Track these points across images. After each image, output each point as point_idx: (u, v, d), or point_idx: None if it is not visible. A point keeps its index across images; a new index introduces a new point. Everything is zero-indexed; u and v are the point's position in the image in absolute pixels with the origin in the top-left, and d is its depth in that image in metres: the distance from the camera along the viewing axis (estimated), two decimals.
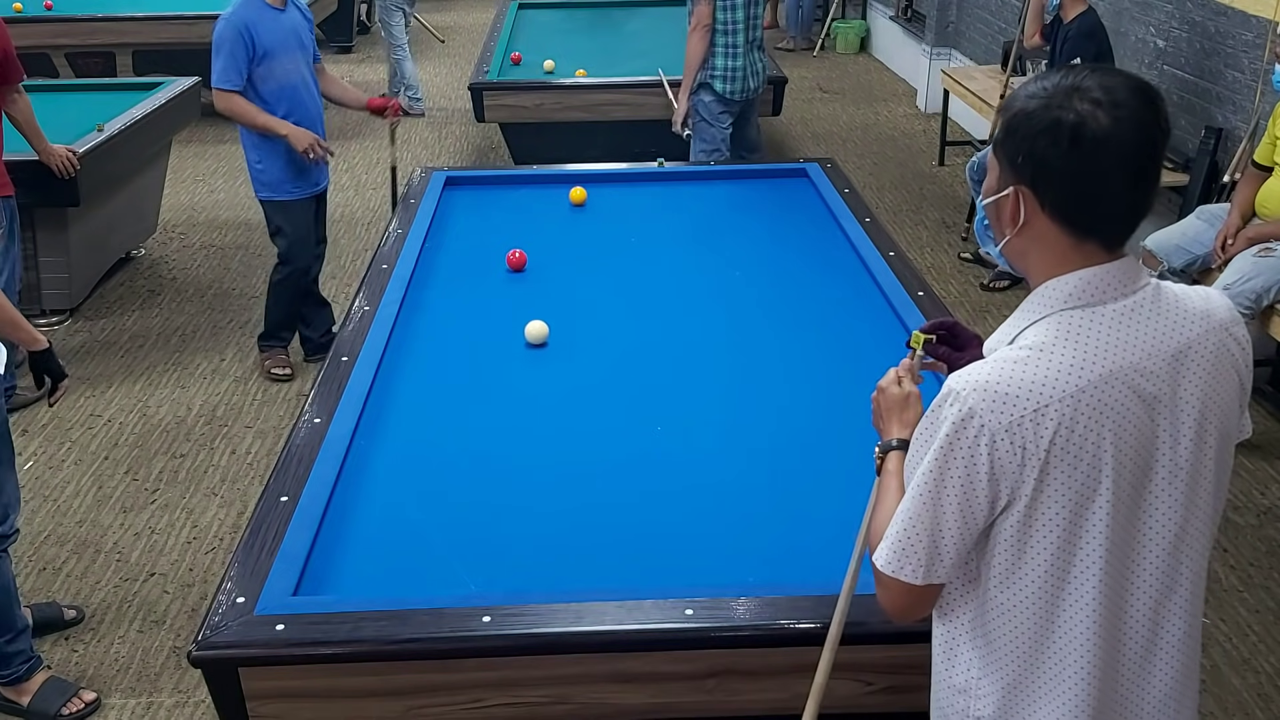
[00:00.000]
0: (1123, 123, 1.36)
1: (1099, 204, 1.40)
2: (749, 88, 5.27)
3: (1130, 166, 1.38)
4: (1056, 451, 1.38)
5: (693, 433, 2.69)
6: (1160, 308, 1.45)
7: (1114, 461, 1.41)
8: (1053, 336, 1.41)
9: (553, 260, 3.67)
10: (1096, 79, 1.39)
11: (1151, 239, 4.22)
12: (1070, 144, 1.37)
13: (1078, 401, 1.38)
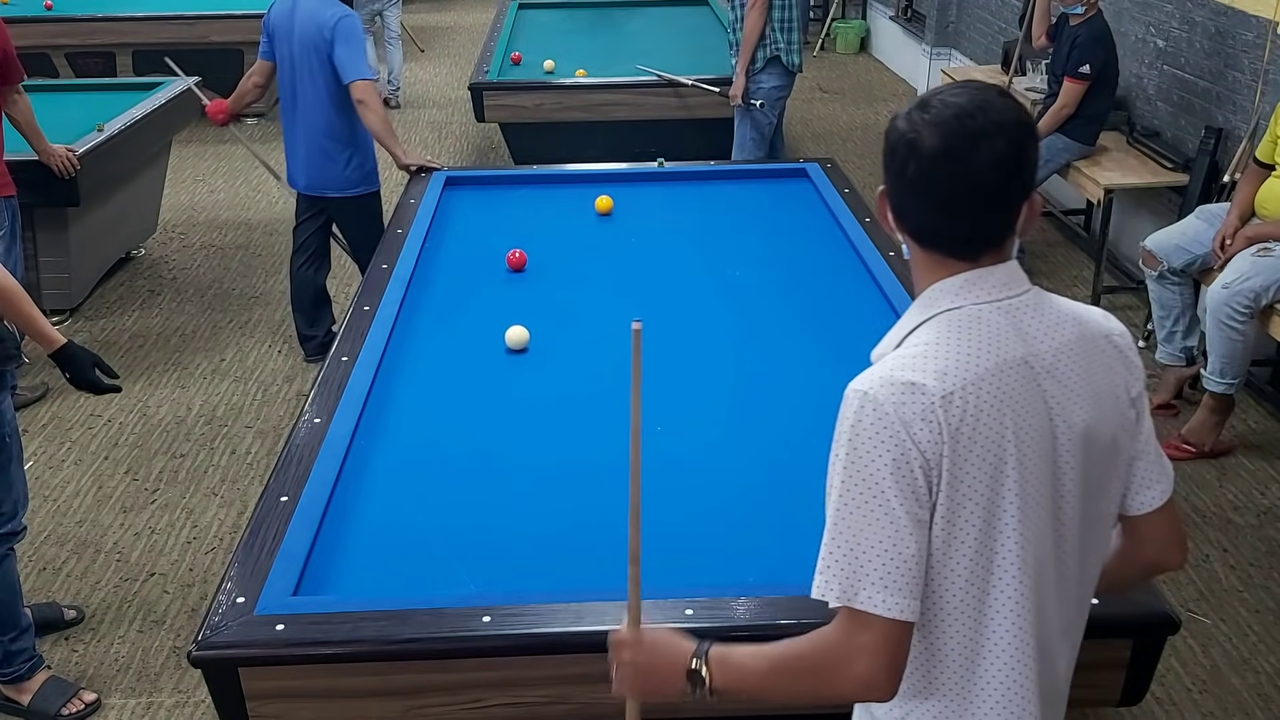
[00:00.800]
0: (945, 144, 1.37)
1: (922, 218, 1.44)
2: (801, 62, 5.50)
3: (951, 190, 1.39)
4: (964, 440, 1.37)
5: (693, 433, 2.69)
6: (1042, 310, 1.47)
7: (1017, 451, 1.40)
8: (944, 332, 1.42)
9: (553, 260, 3.67)
10: (944, 95, 1.41)
11: (1151, 239, 4.22)
12: (899, 157, 1.41)
13: (979, 389, 1.38)
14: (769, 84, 5.42)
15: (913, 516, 1.36)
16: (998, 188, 1.39)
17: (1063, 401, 1.44)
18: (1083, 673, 2.04)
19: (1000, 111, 1.39)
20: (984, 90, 1.42)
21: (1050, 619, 1.47)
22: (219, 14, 7.63)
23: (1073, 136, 5.05)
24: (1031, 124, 1.43)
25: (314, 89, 4.29)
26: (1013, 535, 1.40)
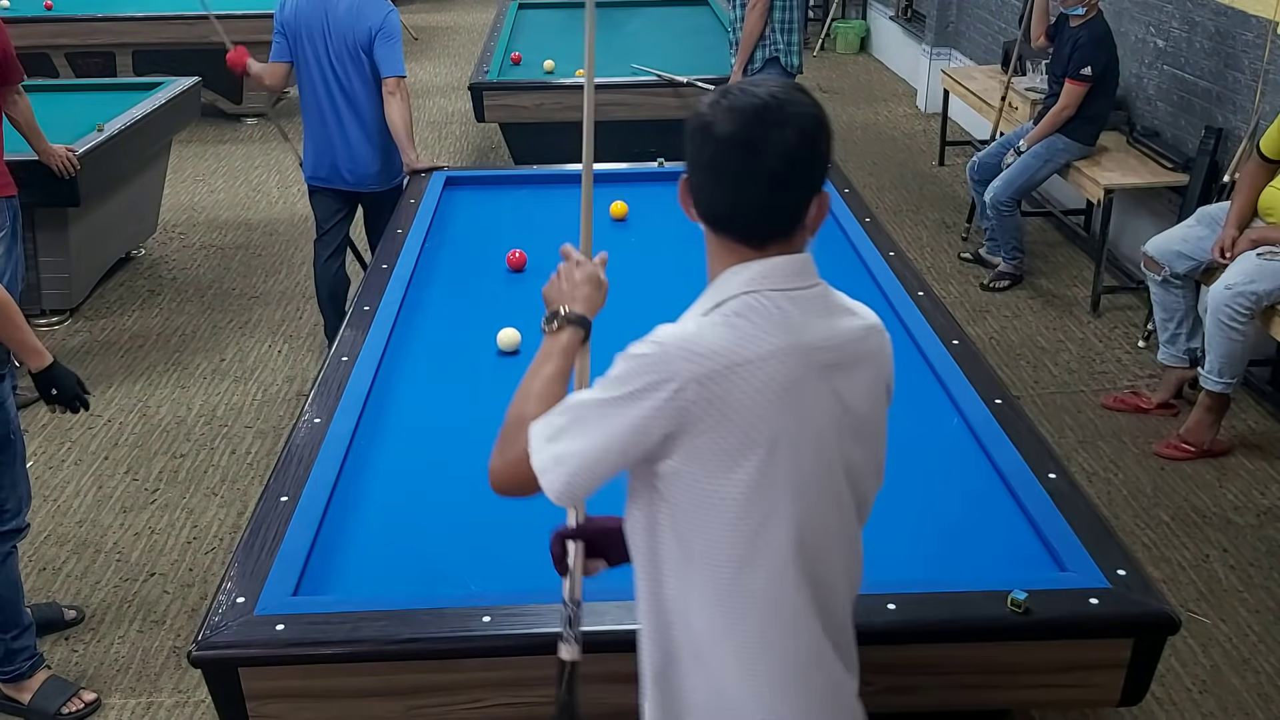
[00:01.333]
0: (738, 131, 1.45)
1: (715, 203, 1.52)
2: (801, 65, 5.49)
3: (740, 174, 1.46)
4: (741, 411, 1.44)
5: None
6: (829, 304, 1.57)
7: (797, 429, 1.47)
8: (744, 309, 1.49)
9: (553, 260, 3.65)
10: (746, 86, 1.49)
11: (1152, 243, 4.22)
12: (698, 142, 1.49)
13: (764, 365, 1.45)
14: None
15: (624, 453, 1.47)
16: (786, 177, 1.46)
17: (844, 389, 1.52)
18: (1083, 673, 2.05)
19: (797, 105, 1.46)
20: (786, 86, 1.49)
21: (828, 592, 1.56)
22: (219, 14, 7.61)
23: (1073, 137, 5.05)
24: (827, 123, 1.50)
25: (363, 84, 4.32)
26: (782, 514, 1.48)
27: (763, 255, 1.52)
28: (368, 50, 4.25)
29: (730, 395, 1.44)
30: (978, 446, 2.56)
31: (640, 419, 1.45)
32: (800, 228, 1.54)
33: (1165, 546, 3.57)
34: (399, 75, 4.28)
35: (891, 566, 2.21)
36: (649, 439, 1.46)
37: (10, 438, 2.81)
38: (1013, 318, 5.10)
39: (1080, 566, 2.12)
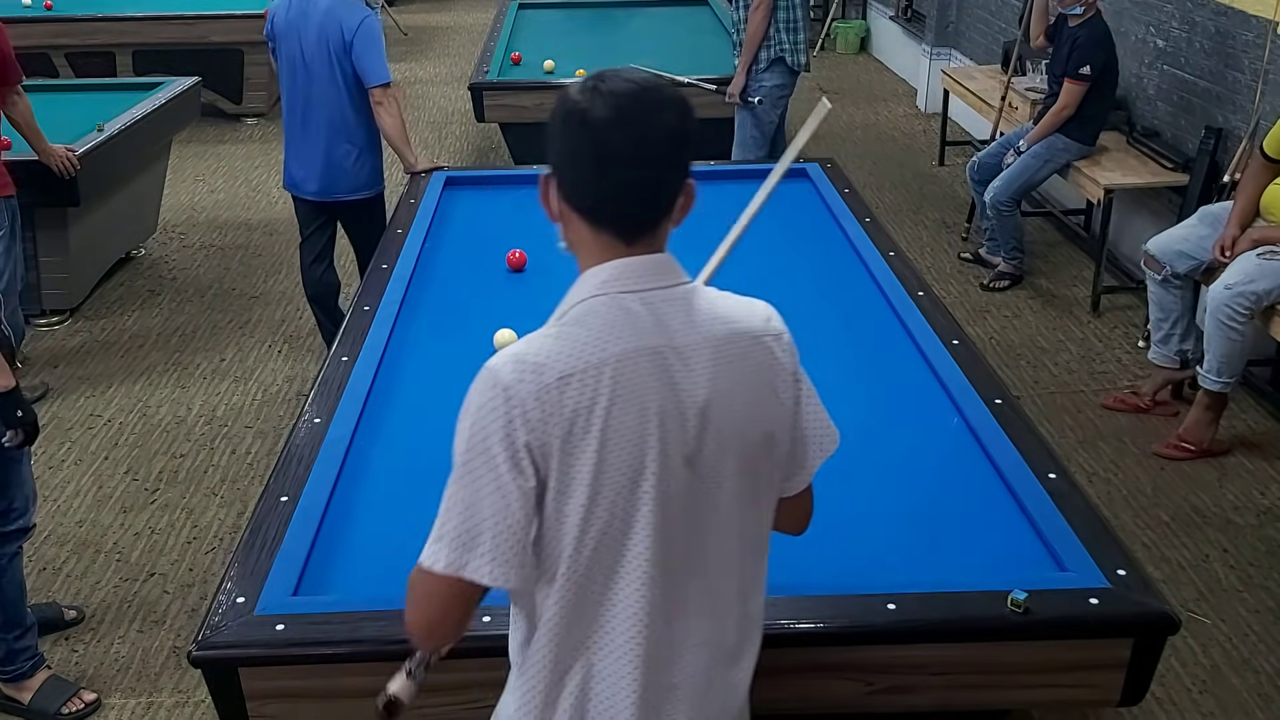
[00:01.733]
0: (619, 113, 1.41)
1: (597, 191, 1.46)
2: (806, 62, 5.50)
3: (623, 156, 1.43)
4: (581, 422, 1.40)
5: None
6: (692, 305, 1.50)
7: (639, 436, 1.43)
8: (585, 314, 1.46)
9: (553, 260, 3.67)
10: (614, 74, 1.46)
11: (1153, 242, 4.22)
12: (572, 130, 1.44)
13: (601, 373, 1.41)
14: (770, 83, 5.42)
15: (522, 492, 1.40)
16: (665, 159, 1.46)
17: (695, 393, 1.46)
18: (1083, 673, 2.05)
19: (670, 91, 1.47)
20: (652, 75, 1.50)
21: (691, 598, 1.52)
22: (219, 14, 7.63)
23: (1073, 137, 5.05)
24: (693, 109, 1.49)
25: (335, 91, 4.22)
26: (633, 512, 1.44)
27: (630, 252, 1.48)
28: (344, 57, 4.16)
29: (564, 409, 1.39)
30: (978, 446, 2.56)
31: (509, 469, 1.39)
32: (667, 219, 1.51)
33: (1165, 546, 3.57)
34: (384, 83, 4.18)
35: (891, 566, 2.22)
36: (530, 482, 1.40)
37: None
38: (1013, 318, 5.10)
39: (1080, 566, 2.12)
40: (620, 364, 1.42)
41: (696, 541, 1.51)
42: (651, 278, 1.49)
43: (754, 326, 1.55)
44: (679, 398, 1.45)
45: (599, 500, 1.43)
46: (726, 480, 1.51)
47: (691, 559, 1.51)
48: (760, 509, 1.59)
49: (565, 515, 1.43)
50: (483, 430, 1.42)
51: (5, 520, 2.83)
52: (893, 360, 3.00)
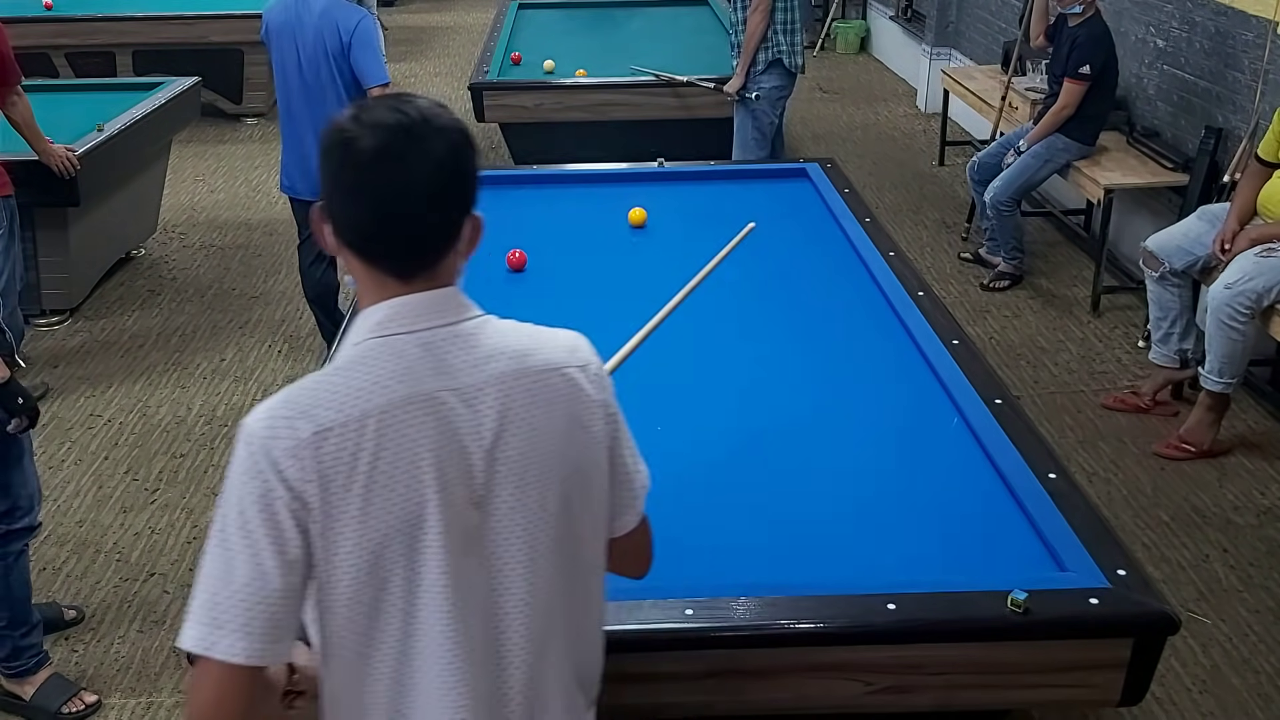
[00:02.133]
0: (382, 147, 1.33)
1: (365, 227, 1.37)
2: (803, 64, 5.52)
3: (387, 192, 1.34)
4: (343, 477, 1.32)
5: (692, 433, 2.69)
6: (478, 342, 1.41)
7: (415, 485, 1.34)
8: (355, 360, 1.38)
9: (552, 260, 3.67)
10: (384, 102, 1.38)
11: (1152, 240, 4.22)
12: (336, 162, 1.36)
13: (365, 425, 1.33)
14: (769, 84, 5.42)
15: (281, 557, 1.31)
16: (434, 193, 1.36)
17: (481, 434, 1.38)
18: (1083, 673, 2.05)
19: (443, 120, 1.37)
20: (429, 102, 1.40)
21: (508, 642, 1.43)
22: (219, 14, 7.63)
23: (1073, 136, 5.05)
24: (473, 141, 1.40)
25: (331, 93, 4.21)
26: (405, 570, 1.35)
27: (408, 290, 1.39)
28: (340, 59, 4.16)
29: (322, 465, 1.31)
30: (978, 446, 2.56)
31: (264, 533, 1.31)
32: (451, 254, 1.41)
33: (1165, 546, 3.57)
34: (383, 84, 4.18)
35: (891, 566, 2.22)
36: (291, 545, 1.32)
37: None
38: (1013, 318, 5.10)
39: (1080, 566, 2.12)
40: (386, 414, 1.34)
41: (503, 590, 1.42)
42: (431, 316, 1.40)
43: (553, 359, 1.46)
44: (461, 441, 1.37)
45: (372, 557, 1.34)
46: (534, 521, 1.42)
47: (500, 609, 1.42)
48: (584, 550, 1.51)
49: (335, 576, 1.34)
50: (237, 493, 1.34)
51: (10, 519, 2.84)
52: (893, 360, 3.00)
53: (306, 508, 1.32)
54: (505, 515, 1.42)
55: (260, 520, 1.32)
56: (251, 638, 1.29)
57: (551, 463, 1.43)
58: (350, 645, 1.39)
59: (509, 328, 1.47)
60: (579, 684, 1.55)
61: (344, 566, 1.34)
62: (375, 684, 1.40)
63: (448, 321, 1.41)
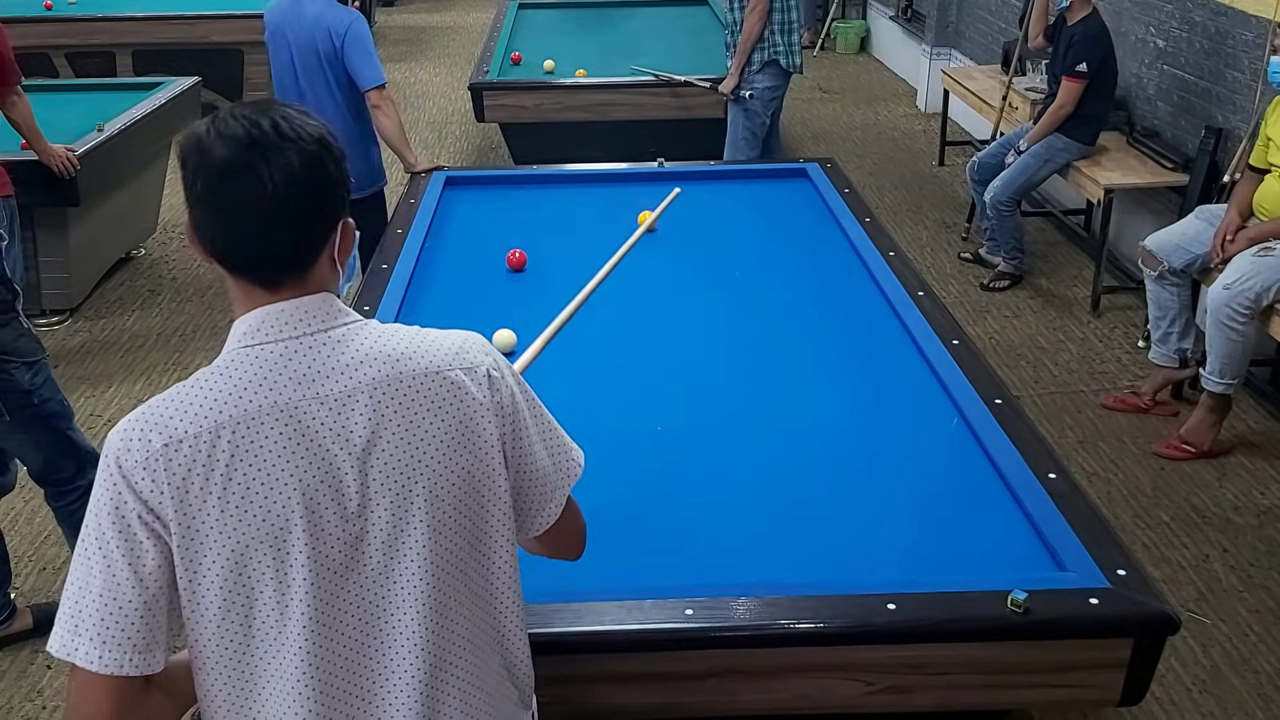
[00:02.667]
0: (233, 156, 1.31)
1: (221, 237, 1.37)
2: (800, 63, 5.50)
3: (239, 203, 1.33)
4: (197, 488, 1.30)
5: (693, 433, 2.69)
6: (350, 348, 1.38)
7: (280, 499, 1.32)
8: (218, 370, 1.36)
9: (552, 260, 3.67)
10: (239, 110, 1.35)
11: (1152, 239, 4.22)
12: (190, 171, 1.35)
13: (216, 438, 1.31)
14: (763, 84, 5.42)
15: (135, 569, 1.30)
16: (289, 205, 1.33)
17: (350, 443, 1.35)
18: (1083, 673, 2.05)
19: (299, 127, 1.35)
20: (286, 109, 1.37)
21: (369, 658, 1.40)
22: (219, 14, 7.64)
23: (1073, 136, 5.05)
24: (333, 145, 1.38)
25: (327, 91, 4.22)
26: (274, 584, 1.34)
27: (275, 298, 1.37)
28: (332, 60, 4.16)
29: (174, 477, 1.30)
30: (978, 446, 2.56)
31: (118, 545, 1.30)
32: (317, 263, 1.39)
33: (1165, 546, 3.57)
34: (379, 85, 4.17)
35: (891, 566, 2.22)
36: (145, 556, 1.30)
37: (35, 404, 2.93)
38: (1013, 318, 5.10)
39: (1080, 566, 2.12)
40: (242, 425, 1.32)
41: (394, 602, 1.39)
42: (299, 323, 1.37)
43: (434, 362, 1.41)
44: (328, 451, 1.34)
45: (235, 571, 1.32)
46: (422, 530, 1.38)
47: (380, 628, 1.39)
48: (490, 555, 1.47)
49: (200, 591, 1.33)
50: (95, 504, 1.32)
51: (81, 475, 3.03)
52: (893, 360, 3.00)
53: (160, 520, 1.31)
54: (388, 526, 1.38)
55: (114, 532, 1.31)
56: (108, 647, 1.30)
57: (437, 470, 1.39)
58: (227, 661, 1.36)
59: (389, 331, 1.43)
60: (491, 692, 1.51)
61: (207, 581, 1.33)
62: (254, 701, 1.38)
63: (317, 329, 1.38)
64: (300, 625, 1.35)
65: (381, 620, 1.40)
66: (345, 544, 1.36)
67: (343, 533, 1.36)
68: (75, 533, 2.85)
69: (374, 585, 1.39)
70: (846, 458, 2.59)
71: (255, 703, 1.38)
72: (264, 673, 1.37)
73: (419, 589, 1.40)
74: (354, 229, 1.43)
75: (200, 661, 1.37)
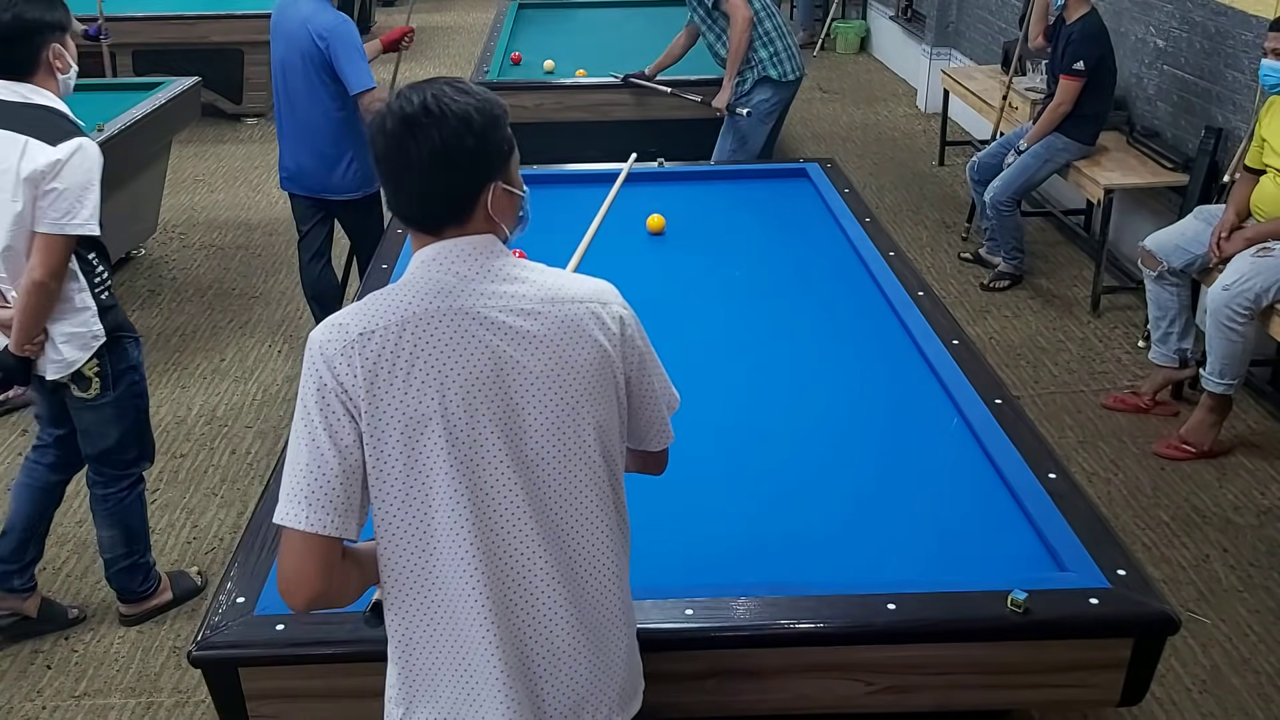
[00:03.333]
0: (395, 129, 1.56)
1: (390, 192, 1.62)
2: (799, 65, 5.39)
3: (396, 167, 1.57)
4: (384, 373, 1.54)
5: (692, 433, 2.69)
6: (508, 275, 1.61)
7: (441, 388, 1.55)
8: (396, 285, 1.61)
9: (552, 260, 3.66)
10: (415, 89, 1.59)
11: (1151, 239, 4.22)
12: (371, 140, 1.60)
13: (403, 330, 1.55)
14: (759, 97, 5.35)
15: (335, 442, 1.54)
16: (432, 173, 1.56)
17: (513, 354, 1.57)
18: (1083, 673, 2.05)
19: (444, 107, 1.56)
20: (444, 85, 1.59)
21: (514, 544, 1.60)
22: (219, 14, 7.63)
23: (1072, 136, 5.05)
24: (475, 120, 1.57)
25: (309, 92, 4.21)
26: (445, 462, 1.55)
27: (440, 238, 1.61)
28: (319, 62, 4.13)
29: (367, 362, 1.53)
30: (978, 446, 2.56)
31: (321, 422, 1.54)
32: (472, 216, 1.60)
33: (1165, 546, 3.57)
34: (367, 88, 4.13)
35: (891, 566, 2.22)
36: (343, 431, 1.54)
37: (136, 392, 3.09)
38: (1013, 318, 5.10)
39: (1080, 566, 2.12)
40: (422, 322, 1.55)
41: (522, 500, 1.60)
42: (466, 255, 1.60)
43: (578, 294, 1.64)
44: (486, 350, 1.56)
45: (411, 449, 1.55)
46: (564, 440, 1.60)
47: (517, 504, 1.60)
48: (595, 469, 1.64)
49: (383, 468, 1.55)
50: (302, 391, 1.56)
51: (138, 465, 3.18)
52: (893, 360, 3.00)
53: (353, 401, 1.54)
54: (530, 420, 1.58)
55: (318, 411, 1.54)
56: (314, 509, 1.53)
57: (578, 388, 1.61)
58: (408, 532, 1.58)
59: (540, 268, 1.67)
60: (591, 609, 1.69)
61: (390, 458, 1.55)
62: (432, 570, 1.59)
63: (481, 260, 1.60)
64: (465, 499, 1.56)
65: (517, 497, 1.60)
66: (497, 431, 1.57)
67: (492, 420, 1.57)
68: (114, 527, 3.08)
69: (509, 464, 1.59)
70: (847, 458, 2.59)
71: (433, 572, 1.59)
72: (440, 542, 1.58)
73: (554, 488, 1.62)
74: (506, 191, 1.63)
75: (385, 536, 1.59)
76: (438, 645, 1.62)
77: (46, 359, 2.88)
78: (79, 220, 2.72)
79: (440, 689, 1.63)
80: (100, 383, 2.96)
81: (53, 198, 2.69)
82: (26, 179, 2.67)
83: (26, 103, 2.75)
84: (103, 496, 3.14)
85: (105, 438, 3.05)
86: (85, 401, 2.98)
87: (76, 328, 2.86)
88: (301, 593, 1.56)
